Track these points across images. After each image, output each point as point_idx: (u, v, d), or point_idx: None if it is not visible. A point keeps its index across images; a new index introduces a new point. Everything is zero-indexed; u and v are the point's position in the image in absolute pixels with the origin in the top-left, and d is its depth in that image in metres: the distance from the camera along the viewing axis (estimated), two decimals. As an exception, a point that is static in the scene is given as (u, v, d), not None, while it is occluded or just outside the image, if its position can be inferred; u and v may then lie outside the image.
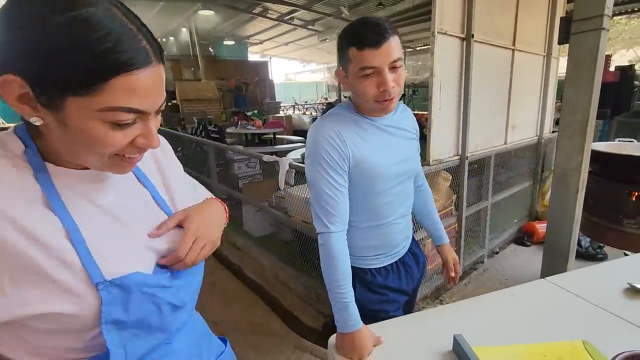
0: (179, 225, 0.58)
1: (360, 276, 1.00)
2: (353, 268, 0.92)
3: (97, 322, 0.44)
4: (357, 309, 0.88)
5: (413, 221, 1.18)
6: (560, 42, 1.81)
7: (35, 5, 0.37)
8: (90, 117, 0.40)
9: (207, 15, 8.13)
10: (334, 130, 0.89)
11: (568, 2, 3.01)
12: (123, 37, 0.38)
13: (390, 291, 1.05)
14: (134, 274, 0.47)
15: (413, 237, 1.17)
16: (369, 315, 0.90)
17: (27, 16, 0.37)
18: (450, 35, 1.95)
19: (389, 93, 0.85)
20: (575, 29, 1.70)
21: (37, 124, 0.40)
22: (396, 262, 1.07)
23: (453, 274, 1.18)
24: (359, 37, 0.82)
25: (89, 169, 0.48)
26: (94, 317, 0.44)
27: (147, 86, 0.41)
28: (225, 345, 0.74)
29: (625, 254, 2.27)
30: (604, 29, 1.62)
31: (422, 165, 1.30)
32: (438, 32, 1.84)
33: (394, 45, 0.83)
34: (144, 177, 0.58)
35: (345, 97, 8.27)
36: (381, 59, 0.82)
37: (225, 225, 0.67)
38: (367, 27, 0.82)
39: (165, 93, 0.46)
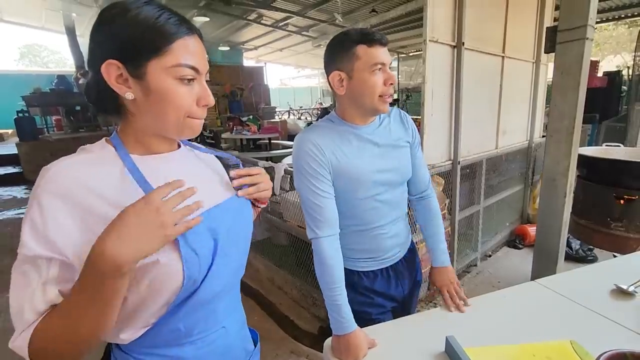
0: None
1: (347, 277, 1.01)
2: None
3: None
4: (350, 312, 0.90)
5: (412, 224, 1.18)
6: (546, 51, 1.87)
7: (114, 10, 0.55)
8: (165, 74, 0.56)
9: (202, 22, 8.16)
10: (313, 142, 0.93)
11: (556, 10, 3.09)
12: (168, 18, 0.56)
13: (376, 295, 1.06)
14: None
15: (412, 245, 1.17)
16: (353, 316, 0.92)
17: (112, 17, 0.55)
18: (442, 43, 2.00)
19: (392, 89, 0.94)
20: (561, 38, 1.76)
21: (130, 97, 0.56)
22: (387, 267, 1.08)
23: (450, 301, 1.03)
24: (368, 35, 0.89)
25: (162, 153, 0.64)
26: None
27: (195, 49, 0.58)
28: (257, 337, 0.85)
29: (614, 256, 2.31)
30: (587, 38, 1.67)
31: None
32: (429, 40, 1.89)
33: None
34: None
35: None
36: (386, 57, 0.91)
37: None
38: (370, 30, 0.91)
39: (208, 64, 0.61)
